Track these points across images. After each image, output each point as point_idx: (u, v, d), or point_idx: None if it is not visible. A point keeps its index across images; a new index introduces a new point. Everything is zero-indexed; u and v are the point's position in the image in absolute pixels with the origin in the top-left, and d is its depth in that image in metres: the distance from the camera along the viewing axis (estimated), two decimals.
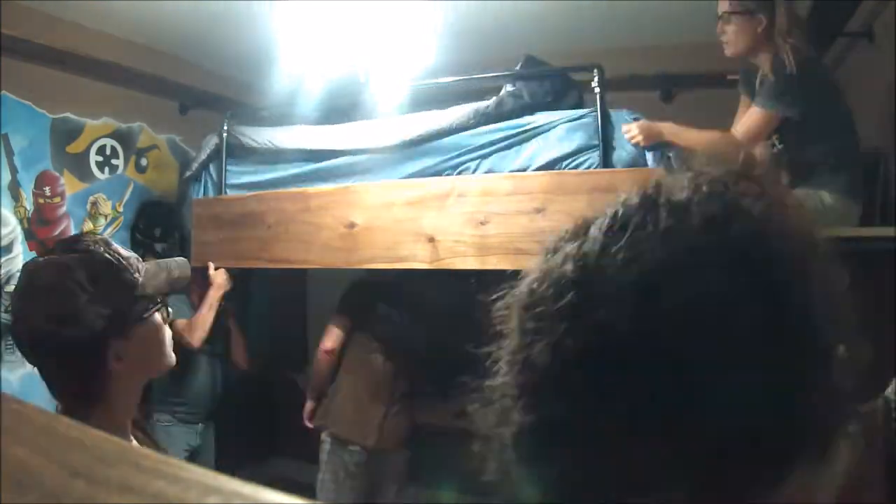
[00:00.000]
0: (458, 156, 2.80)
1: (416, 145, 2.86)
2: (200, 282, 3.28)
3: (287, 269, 3.60)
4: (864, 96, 3.06)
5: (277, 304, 5.13)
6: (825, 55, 3.47)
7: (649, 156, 2.48)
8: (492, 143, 2.75)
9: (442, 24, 2.63)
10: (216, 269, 3.29)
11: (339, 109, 3.21)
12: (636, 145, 2.47)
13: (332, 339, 3.23)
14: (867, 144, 2.93)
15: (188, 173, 3.56)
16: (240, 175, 3.37)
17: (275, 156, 3.27)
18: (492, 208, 2.62)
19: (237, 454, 4.04)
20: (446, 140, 2.84)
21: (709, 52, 3.83)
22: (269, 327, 5.12)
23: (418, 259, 2.74)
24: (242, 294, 4.59)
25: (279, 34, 3.17)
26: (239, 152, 3.38)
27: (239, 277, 3.54)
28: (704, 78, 3.83)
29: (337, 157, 3.04)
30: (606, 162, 2.53)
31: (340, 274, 4.29)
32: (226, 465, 4.34)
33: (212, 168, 3.47)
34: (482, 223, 2.63)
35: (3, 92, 3.27)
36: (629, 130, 2.45)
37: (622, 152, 2.54)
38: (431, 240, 2.72)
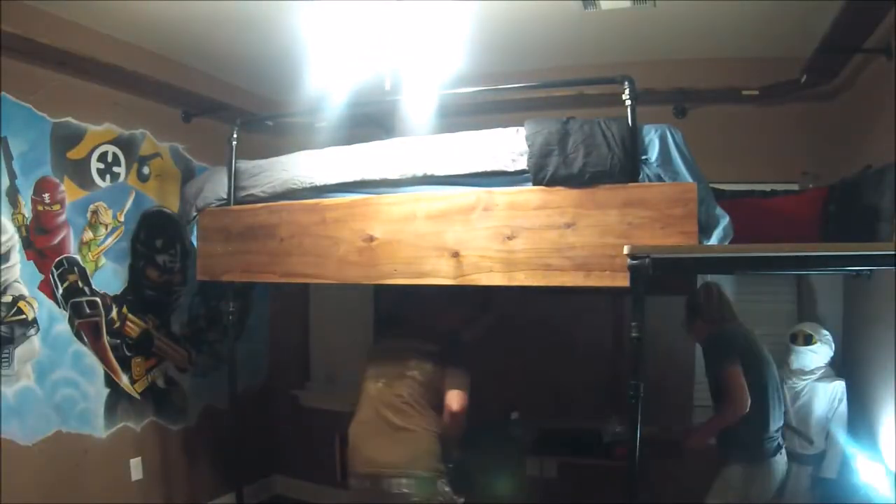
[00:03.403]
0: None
1: (439, 183, 2.76)
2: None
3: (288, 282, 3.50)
4: (881, 111, 3.04)
5: (278, 317, 5.02)
6: (843, 70, 3.47)
7: (685, 170, 2.40)
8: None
9: (469, 28, 2.54)
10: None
11: (360, 120, 3.12)
12: None
13: None
14: (884, 159, 2.91)
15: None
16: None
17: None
18: (519, 223, 2.53)
19: (240, 471, 3.90)
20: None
21: (723, 68, 3.86)
22: (270, 341, 5.02)
23: (441, 275, 2.64)
24: (242, 308, 4.50)
25: (294, 39, 3.10)
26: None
27: (239, 290, 3.43)
28: (718, 93, 3.81)
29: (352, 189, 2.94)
30: (637, 176, 2.45)
31: (343, 288, 4.21)
32: (229, 482, 4.23)
33: None
34: (509, 238, 2.54)
35: (3, 93, 3.15)
36: None
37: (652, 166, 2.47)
38: (455, 255, 2.62)
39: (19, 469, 3.15)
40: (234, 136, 3.27)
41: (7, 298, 3.18)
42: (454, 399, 2.87)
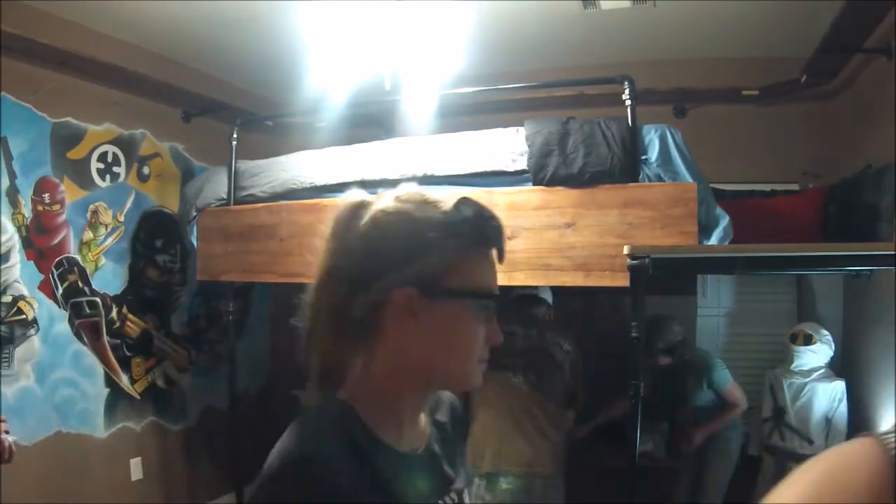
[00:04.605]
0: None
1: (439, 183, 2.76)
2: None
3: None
4: (881, 111, 3.04)
5: (278, 317, 5.01)
6: (843, 70, 3.47)
7: (685, 170, 2.41)
8: None
9: (469, 28, 2.54)
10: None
11: (360, 120, 3.12)
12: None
13: None
14: (884, 159, 2.91)
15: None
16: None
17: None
18: (519, 222, 2.54)
19: (240, 471, 3.90)
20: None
21: (723, 68, 3.86)
22: (270, 341, 5.01)
23: None
24: (242, 308, 4.49)
25: (294, 39, 3.10)
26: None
27: (239, 290, 3.43)
28: (718, 93, 3.81)
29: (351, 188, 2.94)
30: (637, 176, 2.45)
31: None
32: (229, 482, 4.22)
33: None
34: (509, 238, 2.52)
35: (3, 93, 3.14)
36: None
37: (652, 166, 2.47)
38: None
39: (19, 469, 3.13)
40: (234, 136, 3.28)
41: (7, 298, 3.18)
42: None
